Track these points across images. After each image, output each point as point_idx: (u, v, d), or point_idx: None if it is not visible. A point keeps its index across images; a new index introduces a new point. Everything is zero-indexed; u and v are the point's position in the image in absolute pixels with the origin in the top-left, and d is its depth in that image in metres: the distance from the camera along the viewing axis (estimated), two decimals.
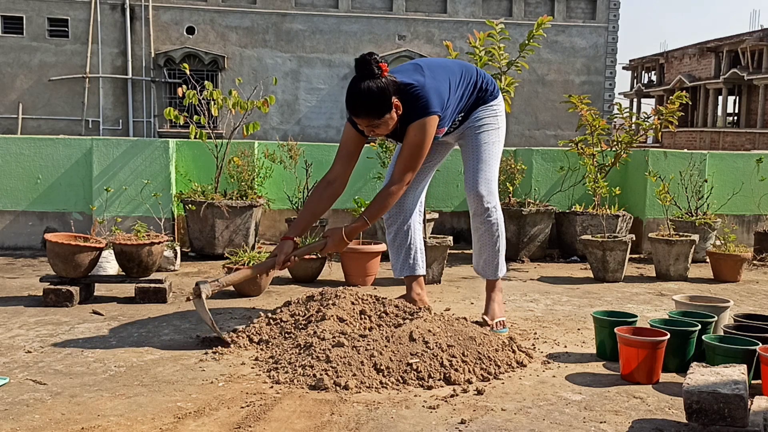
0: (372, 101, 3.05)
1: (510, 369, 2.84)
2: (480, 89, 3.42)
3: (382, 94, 3.04)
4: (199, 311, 3.13)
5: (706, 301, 3.38)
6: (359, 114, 3.11)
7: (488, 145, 3.43)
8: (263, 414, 2.34)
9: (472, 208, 3.43)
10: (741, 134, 27.04)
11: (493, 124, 3.46)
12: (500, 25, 5.18)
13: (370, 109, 3.07)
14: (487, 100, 3.44)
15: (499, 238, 3.48)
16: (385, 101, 3.05)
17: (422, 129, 3.13)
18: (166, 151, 5.77)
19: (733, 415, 2.12)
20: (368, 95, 3.04)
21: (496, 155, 3.46)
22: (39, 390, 2.53)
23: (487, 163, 3.41)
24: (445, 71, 3.30)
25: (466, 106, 3.39)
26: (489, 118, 3.44)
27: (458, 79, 3.33)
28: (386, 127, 3.16)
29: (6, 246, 5.83)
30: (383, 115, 3.08)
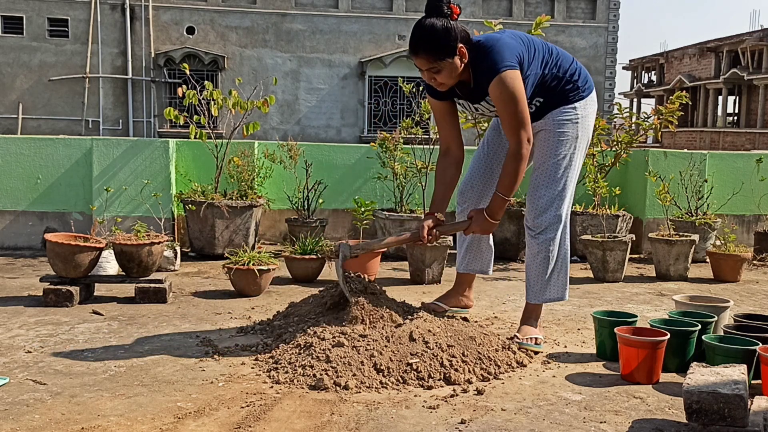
0: (434, 38, 2.85)
1: (510, 369, 2.84)
2: (568, 81, 3.12)
3: (446, 33, 2.85)
4: (336, 272, 3.17)
5: (706, 301, 3.38)
6: (418, 51, 2.90)
7: (561, 159, 3.12)
8: (263, 414, 2.34)
9: (529, 225, 3.21)
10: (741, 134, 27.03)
11: (572, 133, 3.13)
12: (499, 25, 5.18)
13: (431, 46, 2.86)
14: (571, 99, 3.13)
15: (548, 263, 3.17)
16: (448, 41, 2.85)
17: (503, 84, 2.87)
18: (166, 151, 5.77)
19: (733, 415, 2.12)
20: (431, 31, 2.86)
21: (566, 172, 3.14)
22: (39, 390, 2.53)
23: (552, 184, 3.12)
24: (532, 41, 3.07)
25: (548, 90, 3.09)
26: (569, 125, 3.13)
27: (546, 54, 3.08)
28: (448, 75, 2.93)
29: (6, 246, 5.83)
30: (444, 56, 2.87)
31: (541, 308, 3.31)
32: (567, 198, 3.18)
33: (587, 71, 3.26)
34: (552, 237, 3.17)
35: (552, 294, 3.24)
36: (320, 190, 5.88)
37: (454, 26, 2.88)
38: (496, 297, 4.34)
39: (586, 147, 3.24)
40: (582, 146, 3.20)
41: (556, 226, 3.17)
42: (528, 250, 3.25)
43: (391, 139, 5.86)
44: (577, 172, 3.22)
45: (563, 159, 3.13)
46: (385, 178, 6.08)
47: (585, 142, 3.22)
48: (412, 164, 5.85)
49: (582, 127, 3.17)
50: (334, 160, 6.38)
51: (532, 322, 3.24)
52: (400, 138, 5.91)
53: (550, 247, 3.17)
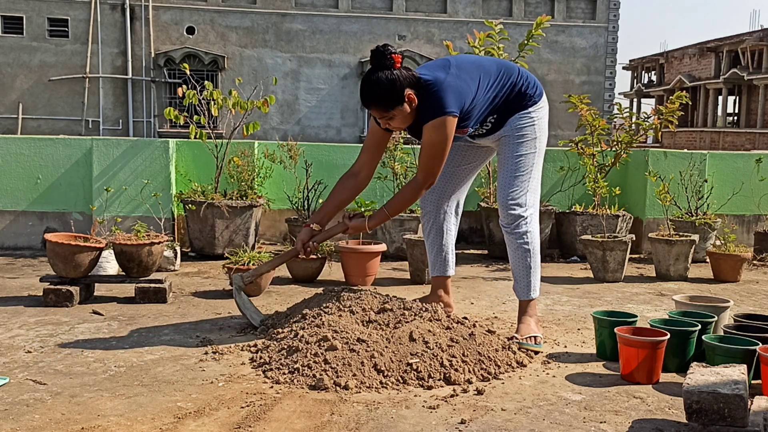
0: (382, 92, 3.00)
1: (510, 369, 2.84)
2: (519, 93, 3.25)
3: (392, 85, 2.99)
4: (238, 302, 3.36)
5: (706, 301, 3.38)
6: (370, 105, 3.07)
7: (522, 157, 3.26)
8: (263, 414, 2.34)
9: (502, 222, 3.32)
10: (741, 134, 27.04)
11: (530, 135, 3.28)
12: (499, 25, 5.18)
13: (380, 100, 3.02)
14: (526, 106, 3.26)
15: (531, 256, 3.29)
16: (394, 93, 3.00)
17: (436, 129, 3.05)
18: (166, 151, 5.77)
19: (733, 415, 2.12)
20: (378, 86, 3.00)
21: (531, 167, 3.29)
22: (39, 390, 2.53)
23: (519, 176, 3.26)
24: (478, 70, 3.18)
25: (500, 108, 3.23)
26: (527, 128, 3.27)
27: (492, 79, 3.20)
28: (401, 120, 3.10)
29: (6, 246, 5.83)
30: (394, 107, 3.03)
31: (535, 304, 3.36)
32: (531, 193, 3.31)
33: (533, 76, 3.38)
34: (526, 231, 3.27)
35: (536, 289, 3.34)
36: (320, 190, 5.87)
37: (398, 76, 3.01)
38: (496, 297, 4.34)
39: (544, 145, 3.39)
40: (541, 145, 3.35)
41: (526, 220, 3.28)
42: (508, 248, 3.36)
43: (390, 139, 5.86)
44: (539, 170, 3.36)
45: (524, 157, 3.27)
46: (385, 178, 6.08)
47: (544, 140, 3.37)
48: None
49: (539, 128, 3.31)
50: (334, 160, 6.38)
51: (528, 319, 3.27)
52: (399, 138, 5.91)
53: (527, 239, 3.28)
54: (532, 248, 3.29)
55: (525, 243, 3.28)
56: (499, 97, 3.22)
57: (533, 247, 3.30)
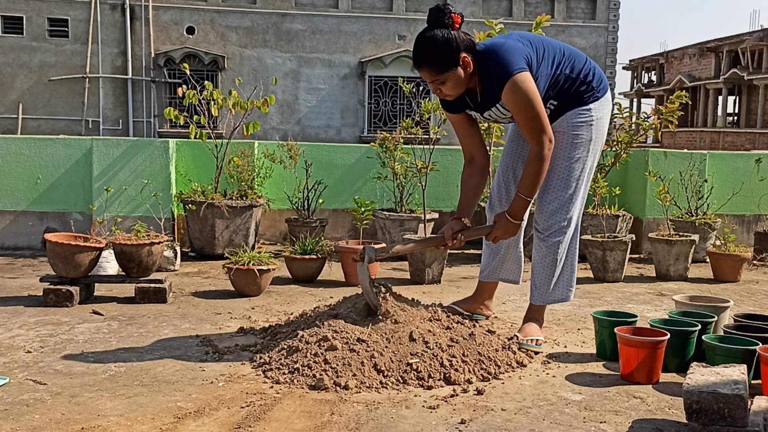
0: (435, 50, 2.83)
1: (510, 369, 2.84)
2: (582, 82, 3.04)
3: (447, 44, 2.82)
4: (360, 276, 3.03)
5: (706, 301, 3.38)
6: (421, 63, 2.88)
7: (575, 162, 3.08)
8: (263, 414, 2.34)
9: (538, 227, 3.17)
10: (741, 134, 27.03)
11: (585, 136, 3.08)
12: (500, 25, 5.18)
13: (434, 59, 2.84)
14: (586, 100, 3.06)
15: (555, 265, 3.16)
16: (450, 53, 2.82)
17: (514, 92, 2.83)
18: (166, 151, 5.77)
19: (733, 415, 2.12)
20: (432, 43, 2.83)
21: (581, 172, 3.11)
22: (39, 390, 2.53)
23: (565, 186, 3.08)
24: (542, 42, 3.01)
25: (562, 91, 3.03)
26: (583, 127, 3.07)
27: (558, 56, 3.01)
28: (454, 85, 2.91)
29: (6, 246, 5.83)
30: (447, 68, 2.85)
31: (544, 310, 3.32)
32: (578, 201, 3.16)
33: (601, 70, 3.19)
34: (560, 240, 3.15)
35: (557, 295, 3.24)
36: (320, 190, 5.88)
37: (455, 36, 2.85)
38: (497, 297, 4.33)
39: (600, 149, 3.21)
40: (596, 149, 3.17)
41: (566, 229, 3.15)
42: (536, 251, 3.23)
43: (391, 139, 5.86)
44: (590, 176, 3.20)
45: (576, 162, 3.10)
46: (385, 178, 6.08)
47: (599, 144, 3.18)
48: (412, 164, 5.85)
49: (596, 129, 3.12)
50: (334, 160, 6.38)
51: (535, 323, 3.24)
52: (400, 138, 5.91)
53: (559, 249, 3.16)
54: (560, 258, 3.16)
55: (556, 253, 3.15)
56: (563, 77, 3.02)
57: (562, 257, 3.16)
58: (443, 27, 2.85)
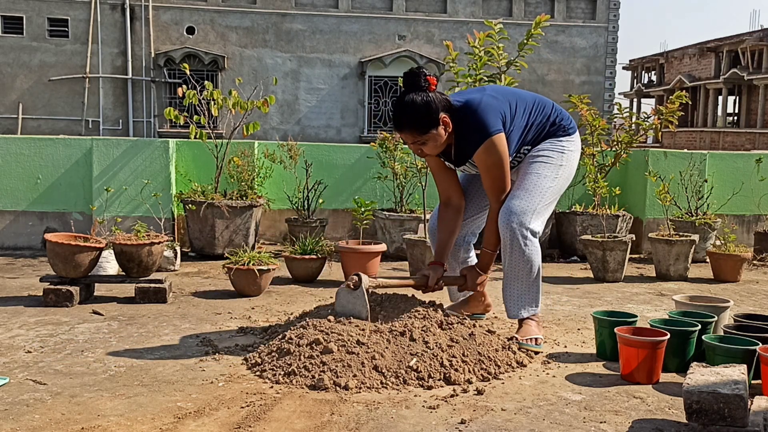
0: (416, 114, 2.92)
1: (510, 369, 2.84)
2: (553, 123, 3.18)
3: (427, 107, 2.91)
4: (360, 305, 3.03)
5: (706, 301, 3.38)
6: (403, 128, 2.97)
7: (537, 177, 3.10)
8: (263, 414, 2.34)
9: (502, 239, 3.12)
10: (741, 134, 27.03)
11: (553, 158, 3.15)
12: (499, 25, 5.18)
13: (414, 123, 2.93)
14: (558, 135, 3.18)
15: (523, 276, 3.13)
16: (429, 115, 2.92)
17: (489, 152, 2.97)
18: (166, 151, 5.77)
19: (733, 415, 2.12)
20: (412, 108, 2.92)
21: (544, 190, 3.10)
22: (39, 390, 2.53)
23: (529, 193, 3.07)
24: (513, 95, 3.14)
25: (534, 138, 3.16)
26: (551, 151, 3.16)
27: (528, 106, 3.14)
28: (434, 145, 3.00)
29: (6, 246, 5.83)
30: (428, 130, 2.94)
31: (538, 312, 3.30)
32: (539, 213, 3.11)
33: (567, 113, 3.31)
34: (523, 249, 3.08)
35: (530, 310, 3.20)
36: (320, 190, 5.88)
37: (433, 98, 2.94)
38: (497, 297, 4.33)
39: (566, 181, 3.23)
40: (563, 176, 3.19)
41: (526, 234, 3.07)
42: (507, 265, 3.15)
43: (391, 139, 5.86)
44: (554, 200, 3.20)
45: (544, 179, 3.13)
46: (385, 178, 6.08)
47: (568, 173, 3.21)
48: (412, 164, 5.85)
49: (567, 158, 3.20)
50: (334, 160, 6.38)
51: (530, 321, 3.23)
52: (400, 138, 5.91)
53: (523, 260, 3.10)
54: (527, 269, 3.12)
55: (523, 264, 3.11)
56: (535, 126, 3.15)
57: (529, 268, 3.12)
58: (420, 90, 2.94)
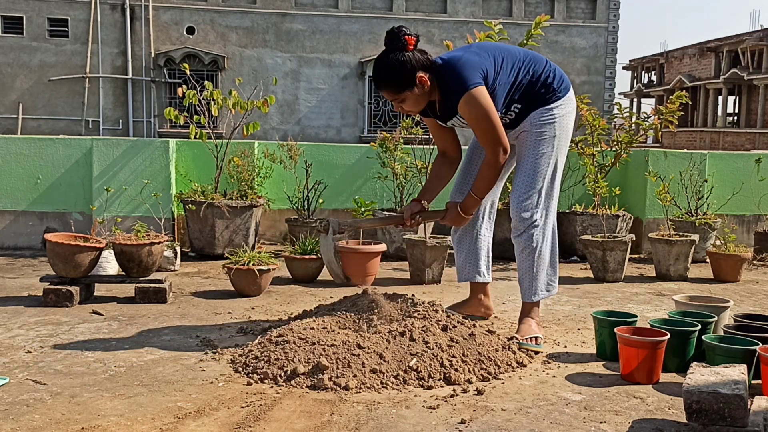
0: (391, 73, 2.98)
1: (510, 369, 2.84)
2: (543, 84, 3.17)
3: (401, 67, 2.96)
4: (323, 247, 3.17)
5: (706, 301, 3.38)
6: (380, 86, 3.06)
7: (540, 158, 3.18)
8: (263, 414, 2.34)
9: (514, 226, 3.25)
10: (741, 134, 27.04)
11: (549, 133, 3.19)
12: (499, 25, 5.18)
13: (390, 82, 3.00)
14: (548, 100, 3.18)
15: (537, 258, 3.24)
16: (405, 75, 2.97)
17: (470, 105, 2.98)
18: (166, 151, 5.77)
19: (733, 415, 2.12)
20: (388, 68, 2.99)
21: (546, 169, 3.20)
22: (39, 390, 2.53)
23: (534, 179, 3.18)
24: (501, 51, 3.14)
25: (525, 95, 3.16)
26: (547, 125, 3.18)
27: (519, 61, 3.14)
28: (414, 103, 3.08)
29: (6, 246, 5.83)
30: (404, 89, 3.01)
31: (539, 306, 3.35)
32: (550, 197, 3.25)
33: (561, 70, 3.32)
34: (533, 233, 3.22)
35: (540, 291, 3.30)
36: (320, 190, 5.88)
37: (410, 58, 2.98)
38: (497, 297, 4.34)
39: (566, 145, 3.31)
40: (562, 144, 3.26)
41: (539, 223, 3.22)
42: (516, 250, 3.31)
43: (391, 139, 5.86)
44: (559, 171, 3.29)
45: (542, 157, 3.20)
46: (385, 178, 6.08)
47: (564, 140, 3.28)
48: (412, 164, 5.85)
49: (560, 126, 3.23)
50: (334, 160, 6.38)
51: (530, 321, 3.26)
52: (400, 138, 5.92)
53: (532, 243, 3.23)
54: (538, 251, 3.23)
55: (531, 248, 3.23)
56: (525, 82, 3.15)
57: (540, 250, 3.24)
58: (398, 50, 2.99)
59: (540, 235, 3.23)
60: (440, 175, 3.38)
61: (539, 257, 3.25)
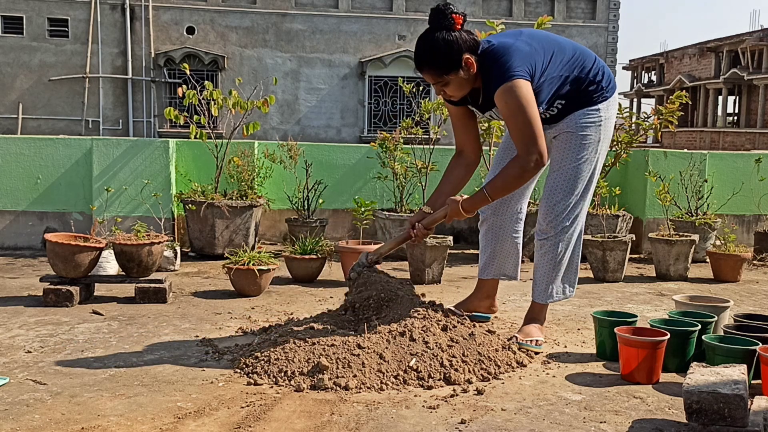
0: (436, 53, 2.78)
1: (510, 369, 2.83)
2: (591, 82, 2.98)
3: (448, 47, 2.76)
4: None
5: (706, 301, 3.38)
6: (423, 67, 2.84)
7: (583, 164, 3.02)
8: (263, 414, 2.34)
9: (541, 228, 3.12)
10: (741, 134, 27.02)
11: (593, 137, 3.02)
12: (500, 25, 5.18)
13: (435, 62, 2.80)
14: (595, 100, 3.00)
15: (558, 263, 3.12)
16: (451, 55, 2.77)
17: (507, 96, 2.75)
18: (166, 151, 5.77)
19: (733, 415, 2.12)
20: (433, 46, 2.78)
21: (589, 174, 3.06)
22: (39, 390, 2.53)
23: (573, 181, 3.02)
24: (552, 43, 2.94)
25: (571, 92, 2.97)
26: (591, 128, 3.01)
27: (567, 57, 2.94)
28: (457, 87, 2.87)
29: (6, 246, 5.83)
30: (449, 71, 2.80)
31: (546, 310, 3.29)
32: (585, 202, 3.13)
33: (609, 69, 3.14)
34: (562, 239, 3.11)
35: (557, 294, 3.22)
36: (320, 190, 5.88)
37: (457, 38, 2.79)
38: (497, 297, 4.33)
39: (606, 149, 3.17)
40: (603, 149, 3.12)
41: (569, 229, 3.11)
42: (537, 250, 3.19)
43: (391, 139, 5.86)
44: (596, 176, 3.15)
45: (585, 163, 3.05)
46: (385, 178, 6.08)
47: (606, 144, 3.14)
48: (412, 164, 5.85)
49: (604, 130, 3.07)
50: (334, 160, 6.38)
51: (536, 323, 3.23)
52: (400, 138, 5.91)
53: (558, 248, 3.12)
54: (560, 257, 3.12)
55: (554, 251, 3.11)
56: (572, 79, 2.95)
57: (563, 256, 3.12)
58: (444, 29, 2.80)
59: (566, 242, 3.11)
60: (452, 180, 3.18)
61: (560, 263, 3.15)
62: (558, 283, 3.20)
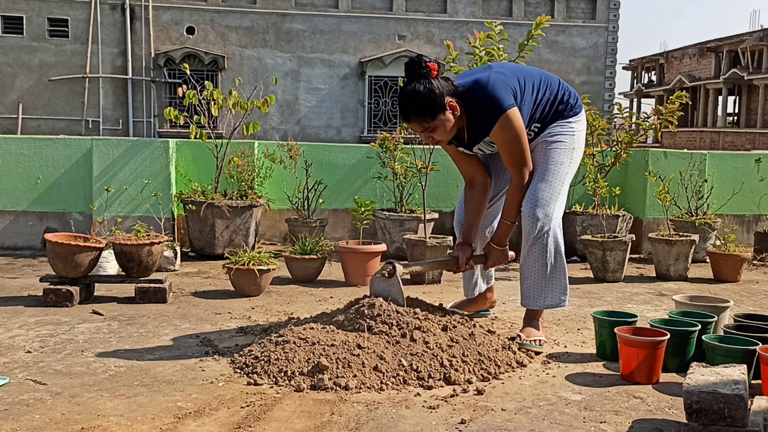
0: (420, 101, 2.90)
1: (510, 369, 2.84)
2: (561, 101, 3.18)
3: (430, 93, 2.89)
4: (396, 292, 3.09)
5: (706, 301, 3.38)
6: (409, 117, 2.96)
7: (556, 165, 3.15)
8: (263, 414, 2.34)
9: (525, 229, 3.18)
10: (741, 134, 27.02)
11: (568, 144, 3.18)
12: (499, 26, 5.18)
13: (419, 110, 2.92)
14: (566, 115, 3.19)
15: (550, 267, 3.18)
16: (434, 100, 2.90)
17: (505, 128, 2.95)
18: (166, 151, 5.77)
19: (733, 415, 2.12)
20: (415, 95, 2.90)
21: (563, 177, 3.17)
22: (39, 390, 2.53)
23: (551, 183, 3.13)
24: (520, 71, 3.13)
25: (543, 116, 3.16)
26: (565, 135, 3.18)
27: (536, 82, 3.13)
28: (444, 131, 3.00)
29: (6, 246, 5.83)
30: (435, 115, 2.92)
31: (542, 311, 3.31)
32: (560, 201, 3.21)
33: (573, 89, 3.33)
34: (548, 242, 3.16)
35: (550, 301, 3.23)
36: (320, 190, 5.88)
37: (436, 84, 2.92)
38: (497, 297, 4.34)
39: (578, 161, 3.30)
40: (576, 158, 3.26)
41: (549, 232, 3.15)
42: (524, 257, 3.24)
43: (391, 139, 5.86)
44: (569, 181, 3.25)
45: (561, 166, 3.18)
46: (385, 178, 6.08)
47: (579, 154, 3.28)
48: (412, 164, 5.85)
49: (577, 140, 3.24)
50: (334, 160, 6.38)
51: (535, 324, 3.24)
52: (400, 138, 5.91)
53: (546, 254, 3.18)
54: (552, 260, 3.18)
55: (548, 255, 3.17)
56: (543, 102, 3.14)
57: (554, 259, 3.18)
58: (422, 77, 2.93)
59: (553, 244, 3.17)
60: (476, 209, 3.32)
61: (553, 265, 3.19)
62: (550, 290, 3.23)
